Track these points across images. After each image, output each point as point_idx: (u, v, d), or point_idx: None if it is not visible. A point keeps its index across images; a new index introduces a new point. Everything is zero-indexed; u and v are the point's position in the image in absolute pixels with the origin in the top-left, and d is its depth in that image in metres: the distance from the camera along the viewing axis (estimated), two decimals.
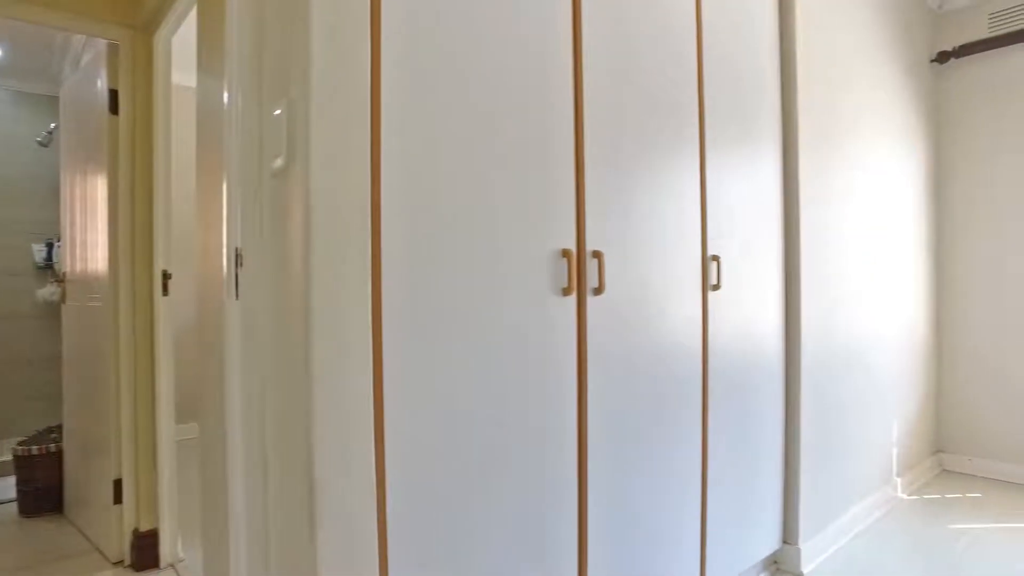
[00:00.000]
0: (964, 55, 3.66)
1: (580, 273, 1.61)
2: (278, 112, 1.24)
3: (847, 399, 2.86)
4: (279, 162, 1.23)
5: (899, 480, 3.29)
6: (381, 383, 1.25)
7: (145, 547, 2.64)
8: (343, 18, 1.19)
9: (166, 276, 2.64)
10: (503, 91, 1.45)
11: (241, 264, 1.41)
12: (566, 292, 1.57)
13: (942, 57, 3.71)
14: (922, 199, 3.61)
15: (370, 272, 1.23)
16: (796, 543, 2.51)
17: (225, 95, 1.45)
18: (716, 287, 2.07)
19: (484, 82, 1.42)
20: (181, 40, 2.74)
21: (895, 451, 3.28)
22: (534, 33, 1.52)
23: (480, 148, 1.41)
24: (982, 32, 3.63)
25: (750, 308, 2.29)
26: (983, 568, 2.51)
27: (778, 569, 2.53)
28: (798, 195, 2.49)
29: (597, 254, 1.64)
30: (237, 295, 1.44)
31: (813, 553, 2.57)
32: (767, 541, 2.42)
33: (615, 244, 1.71)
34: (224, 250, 1.49)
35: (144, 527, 2.67)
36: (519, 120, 1.48)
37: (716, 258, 2.07)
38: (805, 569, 2.50)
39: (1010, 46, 3.52)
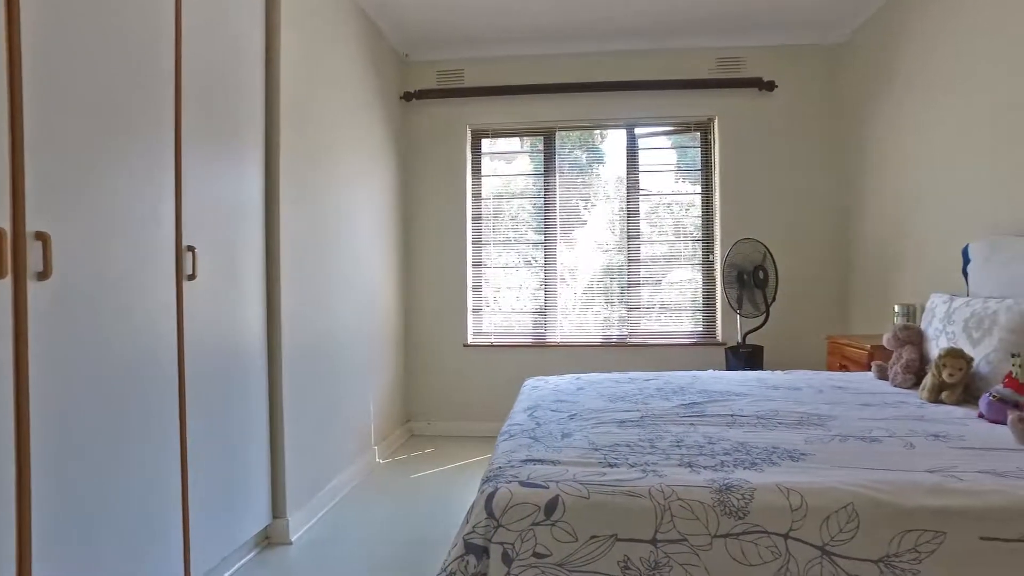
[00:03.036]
0: (422, 98, 4.55)
1: (18, 255, 1.47)
2: None
3: (330, 383, 3.24)
4: None
5: (377, 448, 3.88)
6: None
7: None
8: None
9: None
10: None
11: None
12: None
13: (407, 96, 4.53)
14: (394, 209, 4.33)
15: None
16: (285, 516, 2.73)
17: None
18: (192, 277, 2.12)
19: None
20: None
21: (373, 424, 3.85)
22: None
23: None
24: (433, 83, 4.57)
25: (232, 300, 2.41)
26: (431, 500, 3.18)
27: (269, 543, 2.70)
28: (279, 200, 2.72)
29: (42, 235, 1.52)
30: None
31: (301, 522, 2.84)
32: (256, 519, 2.58)
33: (69, 226, 1.61)
34: None
35: None
36: None
37: (192, 248, 2.12)
38: (293, 537, 2.75)
39: (447, 98, 4.54)
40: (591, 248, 4.64)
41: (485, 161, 4.71)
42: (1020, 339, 2.04)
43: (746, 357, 3.86)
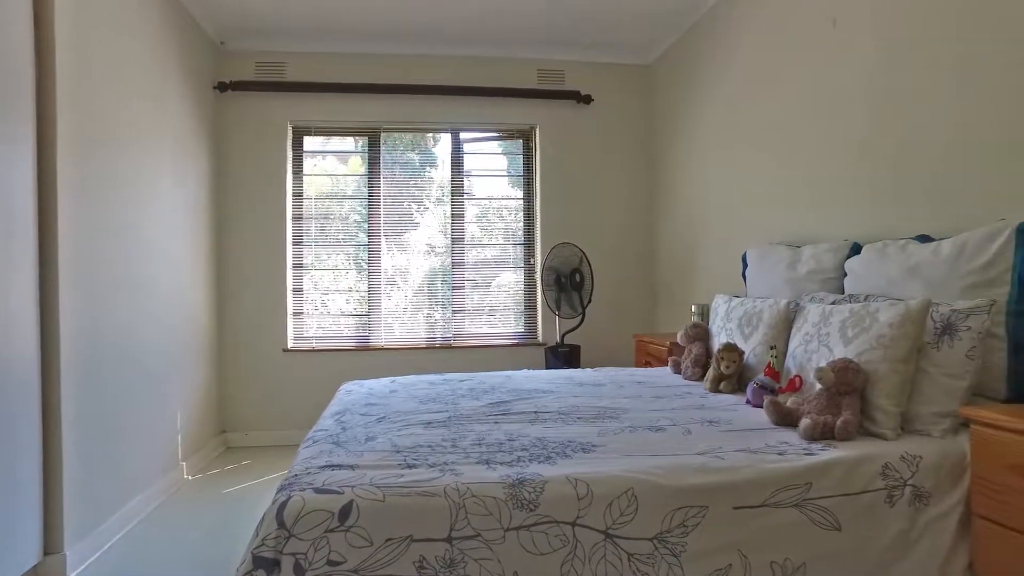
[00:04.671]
0: (239, 90, 4.27)
1: None
2: None
3: (126, 395, 2.93)
4: None
5: (185, 464, 3.58)
6: None
7: None
8: None
9: None
10: None
11: None
12: None
13: (222, 87, 4.23)
14: (206, 205, 4.02)
15: None
16: (61, 550, 2.42)
17: None
18: None
19: None
20: None
21: (181, 438, 3.54)
22: None
23: None
24: (251, 75, 4.32)
25: None
26: (243, 516, 2.97)
27: None
28: (56, 192, 2.41)
29: None
30: None
31: (84, 555, 2.53)
32: (22, 557, 2.25)
33: None
34: None
35: None
36: None
37: None
38: (72, 574, 2.44)
39: (267, 92, 4.31)
40: (423, 251, 4.64)
41: (309, 159, 4.54)
42: (778, 333, 2.34)
43: (564, 356, 4.07)
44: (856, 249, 2.37)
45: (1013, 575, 1.44)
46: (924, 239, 2.09)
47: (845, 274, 2.36)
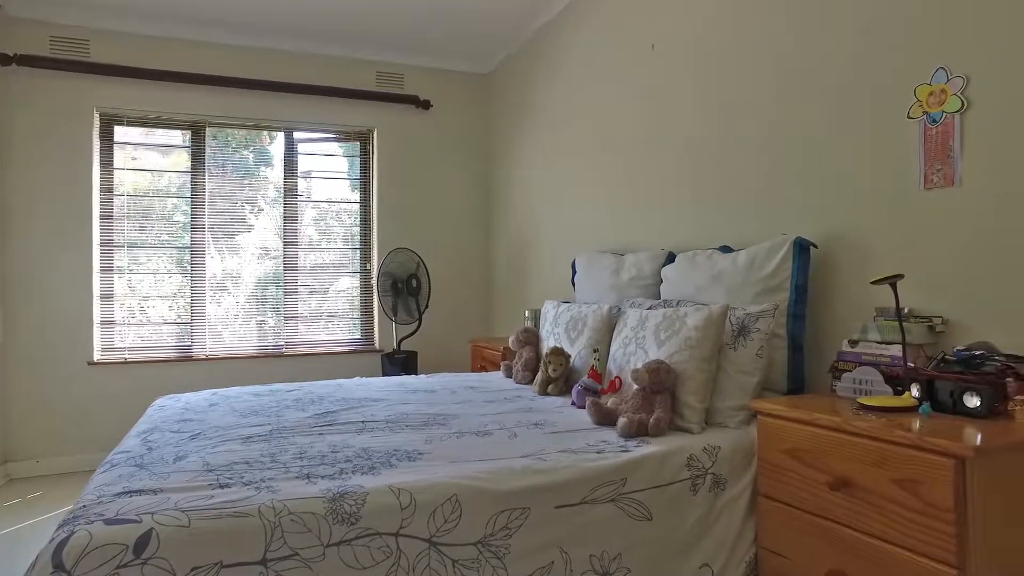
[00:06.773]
0: (27, 65, 3.74)
1: None
2: None
3: None
4: None
5: None
6: None
7: None
8: None
9: None
10: None
11: None
12: None
13: (5, 60, 3.69)
14: None
15: None
16: None
17: None
18: None
19: None
20: None
21: None
22: None
23: None
24: (45, 50, 3.81)
25: None
26: (20, 562, 2.59)
27: None
28: None
29: None
30: None
31: None
32: None
33: None
34: None
35: None
36: None
37: None
38: None
39: (66, 71, 3.83)
40: (256, 254, 4.36)
41: (121, 152, 4.09)
42: (601, 336, 2.48)
43: (401, 363, 4.02)
44: (671, 258, 2.57)
45: (786, 542, 1.64)
46: (726, 249, 2.32)
47: (662, 280, 2.55)
